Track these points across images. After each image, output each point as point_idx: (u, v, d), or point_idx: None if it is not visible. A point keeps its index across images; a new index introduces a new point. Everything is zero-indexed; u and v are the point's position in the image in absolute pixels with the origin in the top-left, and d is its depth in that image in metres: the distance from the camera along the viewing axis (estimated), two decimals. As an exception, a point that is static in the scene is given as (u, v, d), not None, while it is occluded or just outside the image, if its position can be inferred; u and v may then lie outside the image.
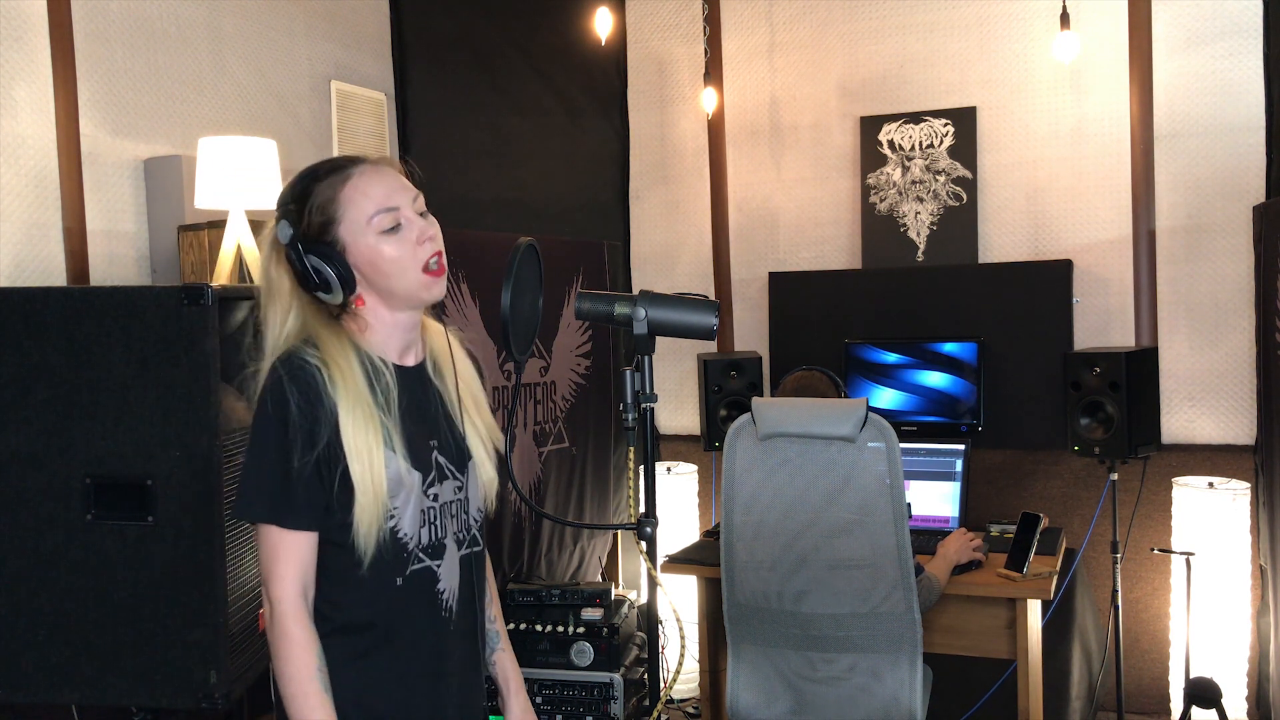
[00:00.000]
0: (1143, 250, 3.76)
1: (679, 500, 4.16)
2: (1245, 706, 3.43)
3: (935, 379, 3.76)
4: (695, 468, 4.29)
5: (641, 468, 1.72)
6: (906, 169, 4.08)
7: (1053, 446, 3.77)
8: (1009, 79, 3.96)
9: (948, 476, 3.41)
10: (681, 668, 1.74)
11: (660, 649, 2.65)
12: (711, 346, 4.28)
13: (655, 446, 1.92)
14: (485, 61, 4.44)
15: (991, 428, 3.74)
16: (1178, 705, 3.46)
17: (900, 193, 4.09)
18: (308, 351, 1.50)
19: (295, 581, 1.47)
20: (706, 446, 3.88)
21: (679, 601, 3.58)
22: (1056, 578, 2.91)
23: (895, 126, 4.10)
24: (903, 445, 2.50)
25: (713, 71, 4.32)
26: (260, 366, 1.53)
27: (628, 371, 1.67)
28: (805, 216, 4.31)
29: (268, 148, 2.90)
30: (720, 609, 2.70)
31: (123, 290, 1.91)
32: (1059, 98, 3.89)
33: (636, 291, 1.71)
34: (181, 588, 1.90)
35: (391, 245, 1.53)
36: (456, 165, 4.38)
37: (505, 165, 4.47)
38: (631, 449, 1.70)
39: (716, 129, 4.40)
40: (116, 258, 3.04)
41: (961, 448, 3.42)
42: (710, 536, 3.49)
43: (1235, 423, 3.67)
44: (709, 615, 3.15)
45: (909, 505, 2.50)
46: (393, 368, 1.57)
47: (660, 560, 3.21)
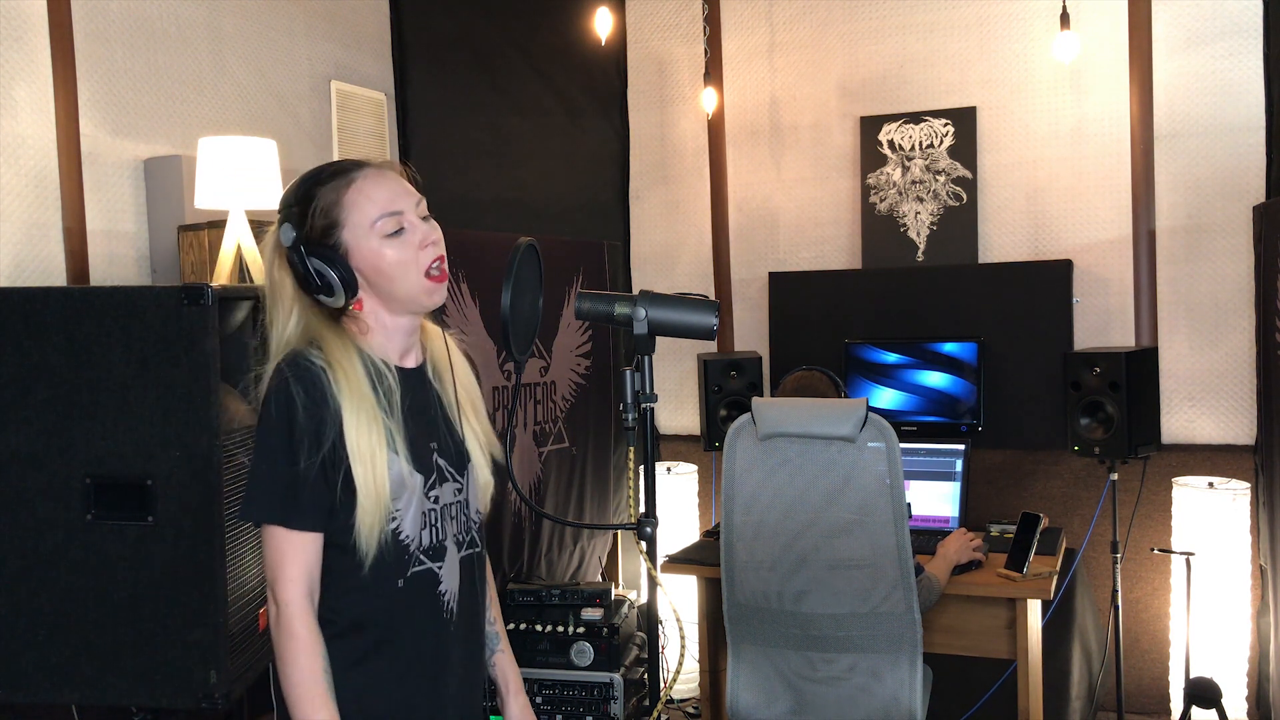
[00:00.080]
0: (1143, 250, 3.76)
1: (679, 500, 4.16)
2: (1245, 706, 3.43)
3: (935, 379, 3.76)
4: (695, 468, 4.29)
5: (641, 468, 1.72)
6: (906, 169, 4.08)
7: (1053, 446, 3.77)
8: (1009, 79, 3.96)
9: (948, 476, 3.41)
10: (681, 668, 1.74)
11: (660, 649, 2.65)
12: (711, 346, 4.27)
13: (655, 446, 1.92)
14: (485, 61, 4.44)
15: (991, 428, 3.74)
16: (1178, 705, 3.46)
17: (900, 193, 4.09)
18: (312, 353, 1.51)
19: (302, 583, 1.47)
20: (706, 446, 3.88)
21: (679, 601, 3.58)
22: (1056, 578, 2.91)
23: (895, 126, 4.10)
24: (903, 445, 2.50)
25: (713, 71, 4.32)
26: (265, 369, 1.54)
27: (628, 371, 1.67)
28: (805, 216, 4.31)
29: (268, 148, 2.90)
30: (720, 609, 2.70)
31: (123, 290, 1.91)
32: (1059, 98, 3.89)
33: (636, 291, 1.71)
34: (181, 588, 1.90)
35: (394, 249, 1.53)
36: (456, 165, 4.38)
37: (505, 165, 4.47)
38: (631, 449, 1.70)
39: (716, 129, 4.40)
40: (116, 258, 3.04)
41: (961, 448, 3.42)
42: (710, 536, 3.49)
43: (1235, 423, 3.68)
44: (709, 615, 3.15)
45: (909, 505, 2.50)
46: (395, 370, 1.57)
47: (660, 560, 3.21)
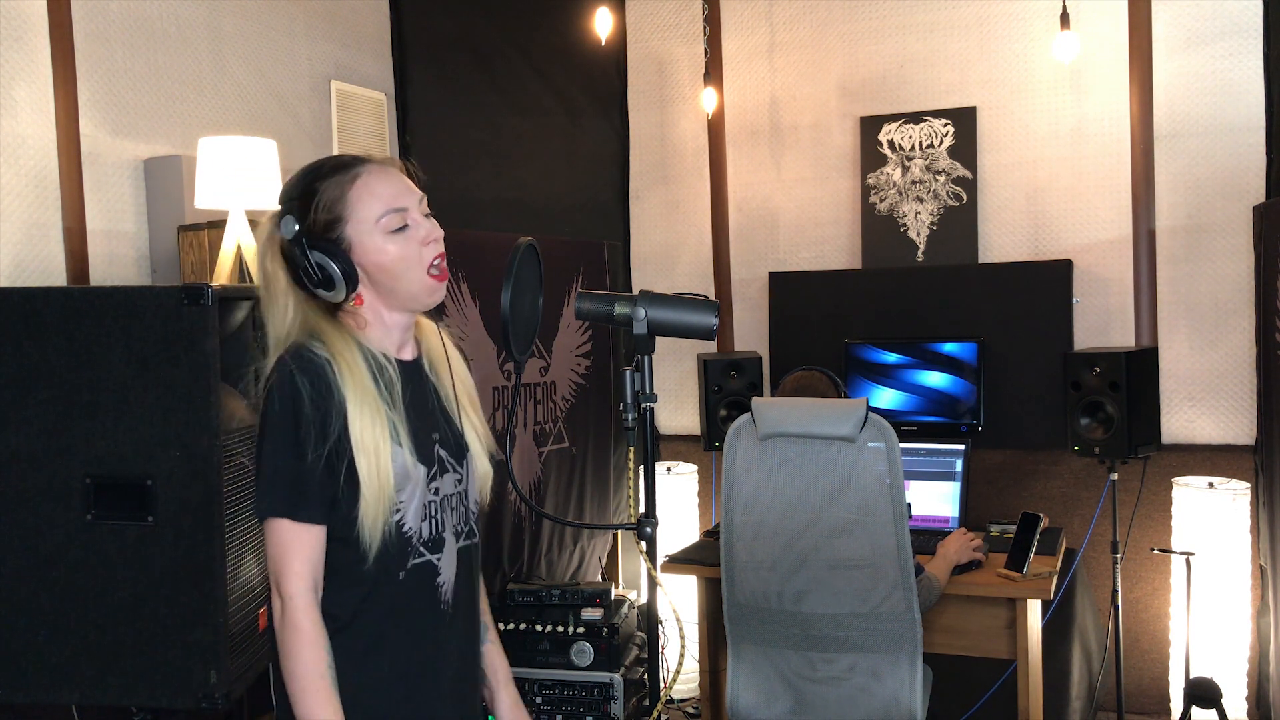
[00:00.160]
0: (1143, 250, 3.76)
1: (679, 500, 4.16)
2: (1245, 706, 3.43)
3: (935, 379, 3.76)
4: (695, 468, 4.29)
5: (641, 468, 1.72)
6: (906, 169, 4.08)
7: (1053, 446, 3.77)
8: (1009, 79, 3.96)
9: (948, 476, 3.41)
10: (681, 668, 1.74)
11: (660, 649, 2.65)
12: (711, 346, 4.27)
13: (655, 446, 1.92)
14: (485, 61, 4.44)
15: (991, 428, 3.74)
16: (1178, 705, 3.46)
17: (900, 193, 4.09)
18: (315, 345, 1.51)
19: (307, 577, 1.47)
20: (706, 446, 3.87)
21: (679, 601, 3.58)
22: (1056, 578, 2.91)
23: (895, 126, 4.10)
24: (903, 445, 2.49)
25: (713, 71, 4.32)
26: (263, 364, 1.53)
27: (628, 371, 1.67)
28: (805, 216, 4.31)
29: (268, 148, 2.90)
30: (720, 609, 2.70)
31: (123, 290, 1.91)
32: (1059, 98, 3.89)
33: (636, 291, 1.71)
34: (181, 588, 1.90)
35: (398, 245, 1.54)
36: (456, 165, 4.38)
37: (505, 165, 4.47)
38: (631, 449, 1.70)
39: (716, 129, 4.40)
40: (116, 258, 3.04)
41: (961, 448, 3.42)
42: (710, 536, 3.49)
43: (1235, 423, 3.68)
44: (709, 615, 3.15)
45: (909, 505, 2.50)
46: (395, 362, 1.58)
47: (660, 560, 3.21)
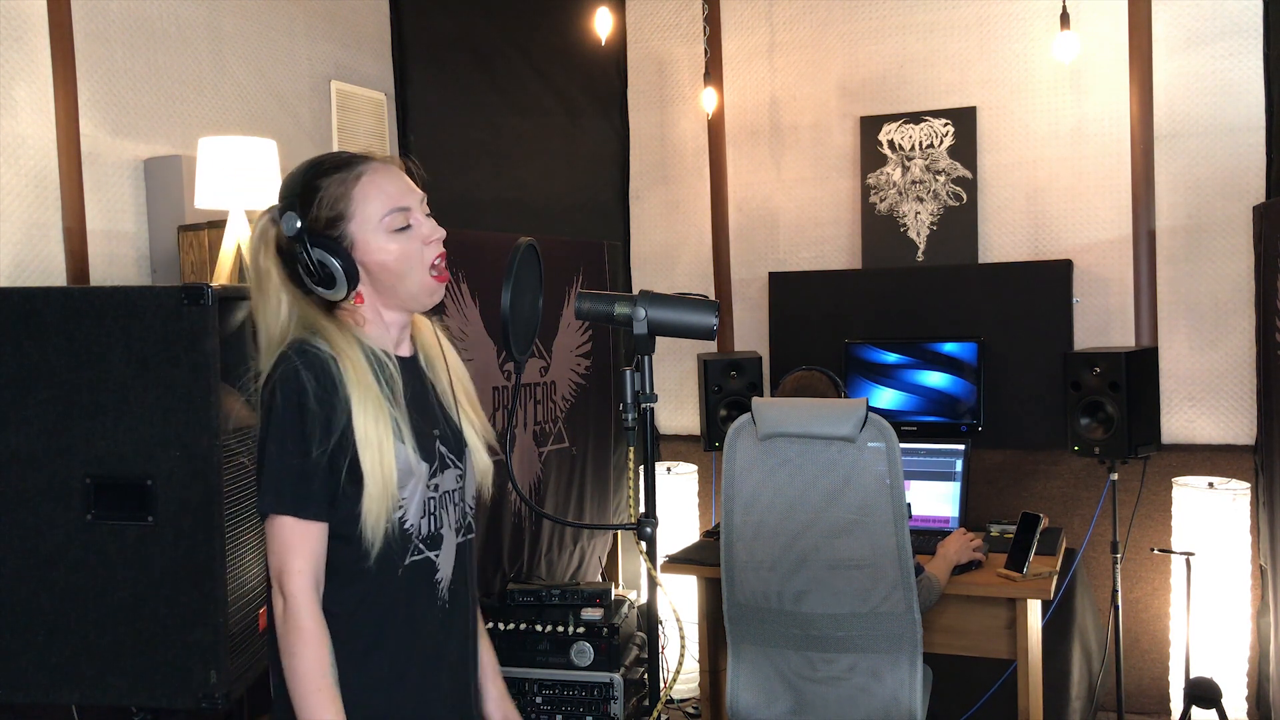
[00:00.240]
0: (1143, 250, 3.76)
1: (679, 500, 4.16)
2: (1245, 707, 3.43)
3: (935, 379, 3.76)
4: (695, 468, 4.29)
5: (641, 468, 1.72)
6: (906, 169, 4.08)
7: (1053, 446, 3.77)
8: (1009, 79, 3.96)
9: (948, 476, 3.41)
10: (681, 668, 1.74)
11: (660, 649, 2.65)
12: (711, 346, 4.27)
13: (655, 446, 1.92)
14: (485, 61, 4.44)
15: (991, 428, 3.74)
16: (1178, 705, 3.46)
17: (900, 193, 4.09)
18: (317, 341, 1.51)
19: (309, 575, 1.47)
20: (706, 446, 3.87)
21: (679, 601, 3.58)
22: (1056, 578, 2.91)
23: (895, 126, 4.10)
24: (903, 445, 2.49)
25: (713, 71, 4.32)
26: (259, 364, 1.53)
27: (628, 371, 1.67)
28: (805, 216, 4.31)
29: (268, 148, 2.90)
30: (720, 609, 2.70)
31: (123, 290, 1.91)
32: (1059, 98, 3.89)
33: (636, 291, 1.71)
34: (181, 588, 1.90)
35: (400, 244, 1.55)
36: (456, 165, 4.38)
37: (505, 165, 4.47)
38: (631, 449, 1.70)
39: (716, 129, 4.40)
40: (116, 258, 3.04)
41: (961, 448, 3.42)
42: (710, 536, 3.49)
43: (1235, 423, 3.68)
44: (709, 615, 3.15)
45: (909, 505, 2.50)
46: (395, 359, 1.58)
47: (660, 560, 3.21)
